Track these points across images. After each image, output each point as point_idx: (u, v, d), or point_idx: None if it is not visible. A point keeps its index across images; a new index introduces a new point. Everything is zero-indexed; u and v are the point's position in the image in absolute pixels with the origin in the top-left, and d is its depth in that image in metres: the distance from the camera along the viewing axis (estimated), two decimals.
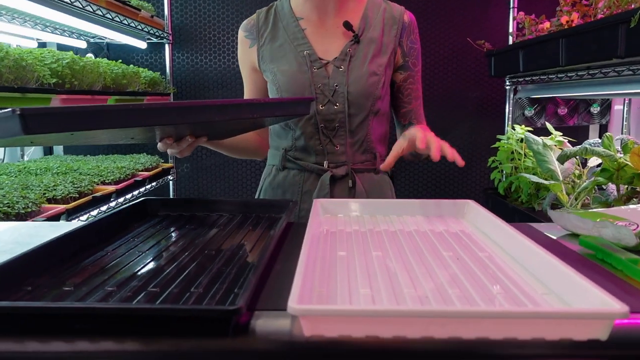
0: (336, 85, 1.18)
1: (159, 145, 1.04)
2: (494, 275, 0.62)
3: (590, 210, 0.95)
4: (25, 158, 2.65)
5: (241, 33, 1.29)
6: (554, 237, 0.86)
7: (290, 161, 1.25)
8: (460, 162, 0.94)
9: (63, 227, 1.04)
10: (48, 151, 2.79)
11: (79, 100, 1.50)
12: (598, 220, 0.84)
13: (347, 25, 1.19)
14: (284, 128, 1.26)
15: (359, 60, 1.19)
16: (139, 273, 0.66)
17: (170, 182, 2.78)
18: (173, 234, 0.87)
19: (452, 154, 0.95)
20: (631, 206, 0.98)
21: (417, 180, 2.92)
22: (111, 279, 0.64)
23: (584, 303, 0.51)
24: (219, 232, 0.88)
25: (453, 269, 0.65)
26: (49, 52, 1.45)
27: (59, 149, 2.85)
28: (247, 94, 1.32)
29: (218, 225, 0.93)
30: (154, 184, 2.34)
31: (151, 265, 0.69)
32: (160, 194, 2.75)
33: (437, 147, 0.95)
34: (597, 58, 1.41)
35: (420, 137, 0.97)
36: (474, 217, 0.90)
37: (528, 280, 0.61)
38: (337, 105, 1.19)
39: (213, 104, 0.87)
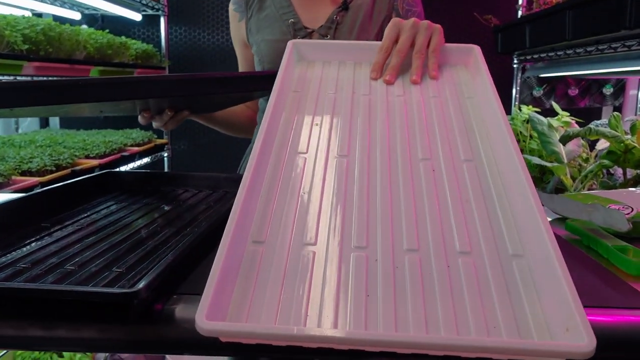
0: None
1: (139, 118, 1.00)
2: (466, 208, 0.52)
3: (583, 192, 0.87)
4: (20, 131, 2.61)
5: (231, 7, 1.23)
6: None
7: None
8: (431, 74, 0.75)
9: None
10: (44, 124, 2.74)
11: (55, 68, 1.43)
12: (589, 203, 0.76)
13: None
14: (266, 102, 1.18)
15: (346, 27, 1.11)
16: (64, 250, 0.59)
17: (165, 158, 2.72)
18: (124, 210, 0.80)
19: (418, 69, 0.74)
20: (630, 189, 0.89)
21: None
22: (30, 255, 0.57)
23: (552, 298, 0.43)
24: (175, 207, 0.82)
25: (422, 192, 0.54)
26: (23, 18, 1.38)
27: (55, 123, 2.81)
28: (241, 70, 1.26)
29: (178, 200, 0.87)
30: (146, 160, 2.28)
31: (81, 243, 0.62)
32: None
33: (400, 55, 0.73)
34: (605, 30, 1.30)
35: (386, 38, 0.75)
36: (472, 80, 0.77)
37: (502, 225, 0.50)
38: None
39: (155, 79, 0.82)
